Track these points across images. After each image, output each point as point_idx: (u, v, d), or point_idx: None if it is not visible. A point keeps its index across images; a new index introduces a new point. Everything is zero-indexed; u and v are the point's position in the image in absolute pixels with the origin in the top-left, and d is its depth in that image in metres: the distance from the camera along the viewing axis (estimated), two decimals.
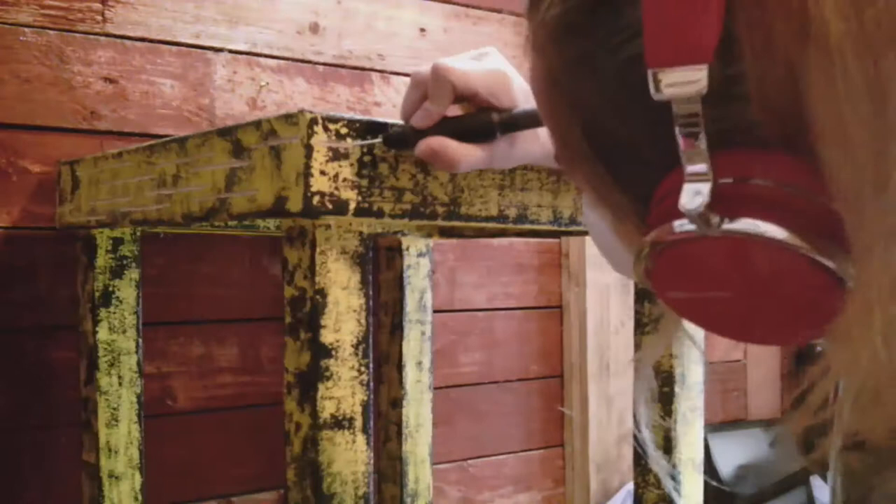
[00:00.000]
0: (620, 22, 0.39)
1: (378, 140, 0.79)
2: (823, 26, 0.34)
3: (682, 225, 0.40)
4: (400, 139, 0.78)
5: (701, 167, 0.38)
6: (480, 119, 0.77)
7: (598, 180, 0.44)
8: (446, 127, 0.77)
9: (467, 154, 0.75)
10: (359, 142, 0.78)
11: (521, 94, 0.76)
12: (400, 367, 1.46)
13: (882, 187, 0.34)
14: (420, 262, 1.48)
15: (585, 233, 1.43)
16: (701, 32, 0.36)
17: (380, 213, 0.79)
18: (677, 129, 0.38)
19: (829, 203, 0.36)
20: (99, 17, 1.31)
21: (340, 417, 0.78)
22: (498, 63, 0.78)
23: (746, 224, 0.38)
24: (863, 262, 0.36)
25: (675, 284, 0.43)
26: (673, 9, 0.37)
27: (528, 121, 0.75)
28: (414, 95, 0.77)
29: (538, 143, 0.79)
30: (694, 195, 0.38)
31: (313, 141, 0.75)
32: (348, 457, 0.79)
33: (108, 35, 1.32)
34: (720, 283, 0.41)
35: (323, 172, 0.76)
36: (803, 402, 0.39)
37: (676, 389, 1.06)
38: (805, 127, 0.36)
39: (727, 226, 0.38)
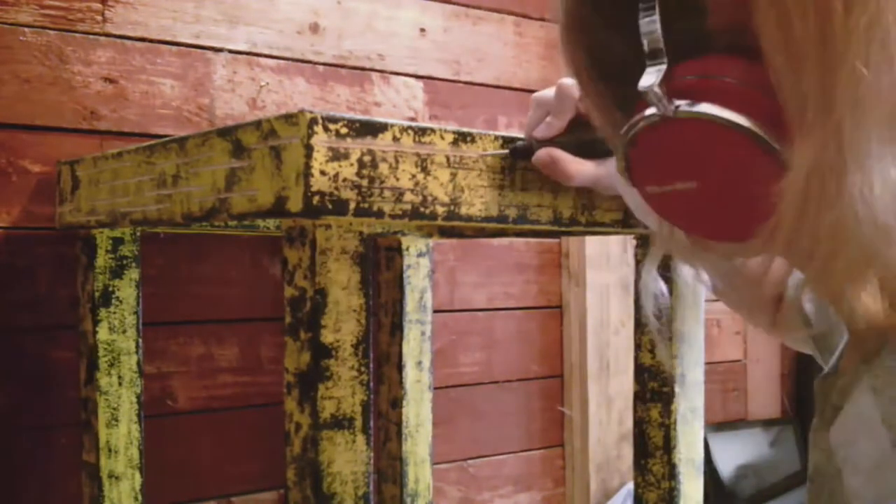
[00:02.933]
0: None
1: (505, 152, 0.86)
2: None
3: (648, 111, 0.47)
4: (525, 151, 0.86)
5: (659, 60, 0.46)
6: (597, 136, 0.83)
7: (602, 101, 0.53)
8: (565, 140, 0.85)
9: (580, 168, 0.84)
10: (487, 153, 0.86)
11: None
12: (400, 367, 1.46)
13: (824, 76, 0.41)
14: (420, 262, 1.48)
15: (585, 233, 1.43)
16: None
17: (380, 213, 0.79)
18: (641, 28, 0.46)
19: (773, 96, 0.43)
20: (99, 17, 1.31)
21: (340, 417, 0.78)
22: None
23: (700, 107, 0.45)
24: (799, 145, 0.43)
25: (648, 176, 0.51)
26: None
27: None
28: (536, 114, 0.86)
29: None
30: (650, 76, 0.46)
31: (313, 141, 0.75)
32: (348, 457, 0.79)
33: (108, 35, 1.32)
34: (683, 169, 0.48)
35: (323, 172, 0.76)
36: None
37: (676, 389, 1.06)
38: (753, 34, 0.43)
39: (683, 108, 0.45)
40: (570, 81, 0.84)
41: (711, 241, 0.51)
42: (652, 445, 1.07)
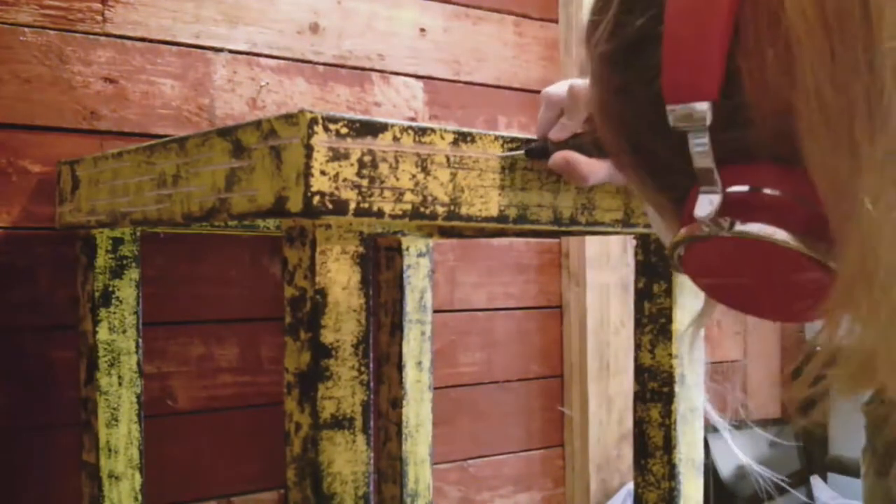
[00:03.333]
0: (651, 61, 0.47)
1: (521, 152, 0.88)
2: (803, 67, 0.43)
3: (701, 228, 0.49)
4: (541, 152, 0.88)
5: (711, 183, 0.47)
6: None
7: (643, 185, 0.54)
8: (579, 141, 0.87)
9: (595, 169, 0.86)
10: (504, 154, 0.87)
11: None
12: (400, 367, 1.46)
13: (853, 197, 0.43)
14: (420, 262, 1.48)
15: (585, 233, 1.43)
16: (705, 75, 0.45)
17: (380, 213, 0.79)
18: (691, 152, 0.47)
19: (816, 206, 0.45)
20: (99, 17, 1.31)
21: (340, 417, 0.78)
22: None
23: (751, 227, 0.47)
24: (842, 253, 0.44)
25: (700, 273, 0.53)
26: (683, 56, 0.46)
27: None
28: (549, 114, 0.88)
29: None
30: (706, 205, 0.48)
31: (313, 141, 0.75)
32: (348, 457, 0.79)
33: (108, 35, 1.32)
34: (734, 273, 0.50)
35: (323, 172, 0.76)
36: (800, 375, 0.48)
37: (676, 389, 1.06)
38: (797, 144, 0.44)
39: (736, 228, 0.47)
40: (581, 82, 0.86)
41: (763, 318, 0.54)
42: (652, 445, 1.07)
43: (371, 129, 0.79)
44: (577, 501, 1.82)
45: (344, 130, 0.77)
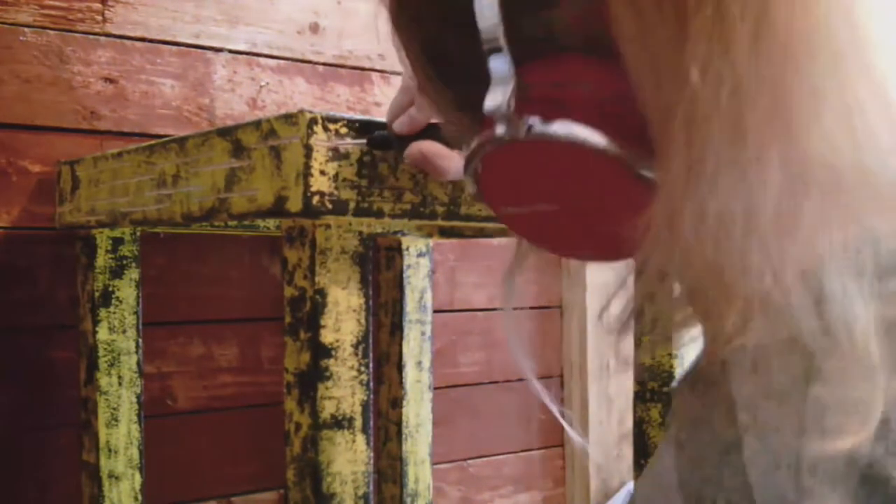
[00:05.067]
0: None
1: (363, 141, 0.79)
2: None
3: (495, 130, 0.39)
4: (383, 142, 0.78)
5: (503, 70, 0.38)
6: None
7: (442, 101, 0.45)
8: (428, 134, 0.76)
9: (457, 163, 0.74)
10: (345, 141, 0.78)
11: None
12: (400, 367, 1.46)
13: (681, 86, 0.34)
14: (420, 262, 1.48)
15: None
16: None
17: (380, 213, 0.79)
18: (482, 39, 0.38)
19: (633, 104, 0.36)
20: (99, 17, 1.31)
21: (340, 417, 0.78)
22: None
23: (554, 127, 0.38)
24: (665, 160, 0.36)
25: (501, 197, 0.43)
26: None
27: None
28: (402, 100, 0.77)
29: None
30: (497, 96, 0.38)
31: (313, 141, 0.75)
32: (348, 457, 0.79)
33: (108, 35, 1.32)
34: (536, 195, 0.41)
35: (323, 172, 0.76)
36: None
37: None
38: (608, 30, 0.36)
39: (536, 129, 0.38)
40: None
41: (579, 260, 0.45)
42: (652, 445, 1.07)
43: (371, 128, 0.79)
44: (577, 501, 1.82)
45: (344, 130, 0.77)
